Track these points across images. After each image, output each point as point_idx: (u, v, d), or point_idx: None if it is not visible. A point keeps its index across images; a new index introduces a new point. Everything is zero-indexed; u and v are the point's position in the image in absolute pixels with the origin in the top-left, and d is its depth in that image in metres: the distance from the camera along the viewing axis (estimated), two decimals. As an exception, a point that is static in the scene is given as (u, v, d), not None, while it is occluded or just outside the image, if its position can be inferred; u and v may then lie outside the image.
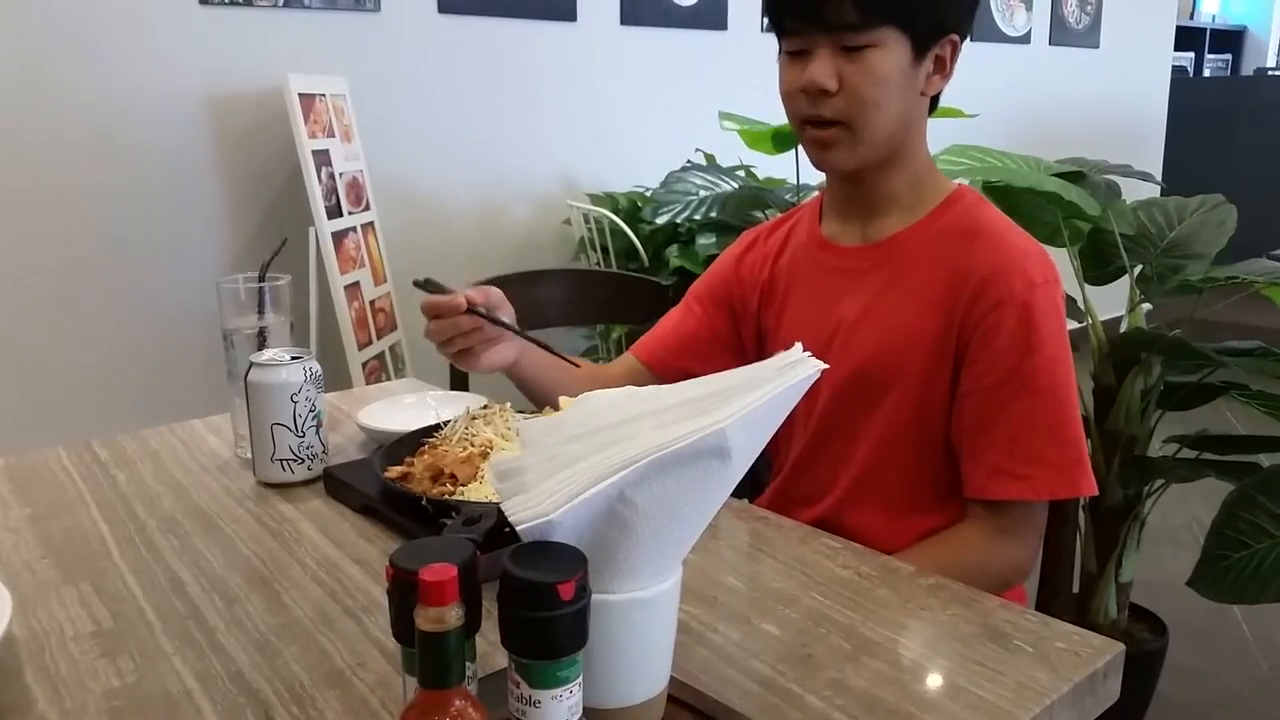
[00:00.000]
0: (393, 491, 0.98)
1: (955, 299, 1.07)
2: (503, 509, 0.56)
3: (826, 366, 0.59)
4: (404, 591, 0.55)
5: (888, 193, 1.14)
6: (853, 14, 1.03)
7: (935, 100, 1.15)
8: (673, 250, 2.72)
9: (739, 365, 1.28)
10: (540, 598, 0.52)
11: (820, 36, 1.06)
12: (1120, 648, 0.75)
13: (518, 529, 0.55)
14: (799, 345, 0.60)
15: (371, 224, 2.61)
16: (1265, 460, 1.79)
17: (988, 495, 1.05)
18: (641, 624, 0.60)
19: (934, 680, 0.73)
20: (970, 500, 1.07)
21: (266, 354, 1.08)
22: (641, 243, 2.78)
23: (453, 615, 0.49)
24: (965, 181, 2.04)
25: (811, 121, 1.09)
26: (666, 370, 1.31)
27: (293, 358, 1.06)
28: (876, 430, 1.11)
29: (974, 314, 1.06)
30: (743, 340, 1.29)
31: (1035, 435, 1.04)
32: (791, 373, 0.57)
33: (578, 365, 1.21)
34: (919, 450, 1.11)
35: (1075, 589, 2.06)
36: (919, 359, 1.08)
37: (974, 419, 1.07)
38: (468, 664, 0.57)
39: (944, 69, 1.10)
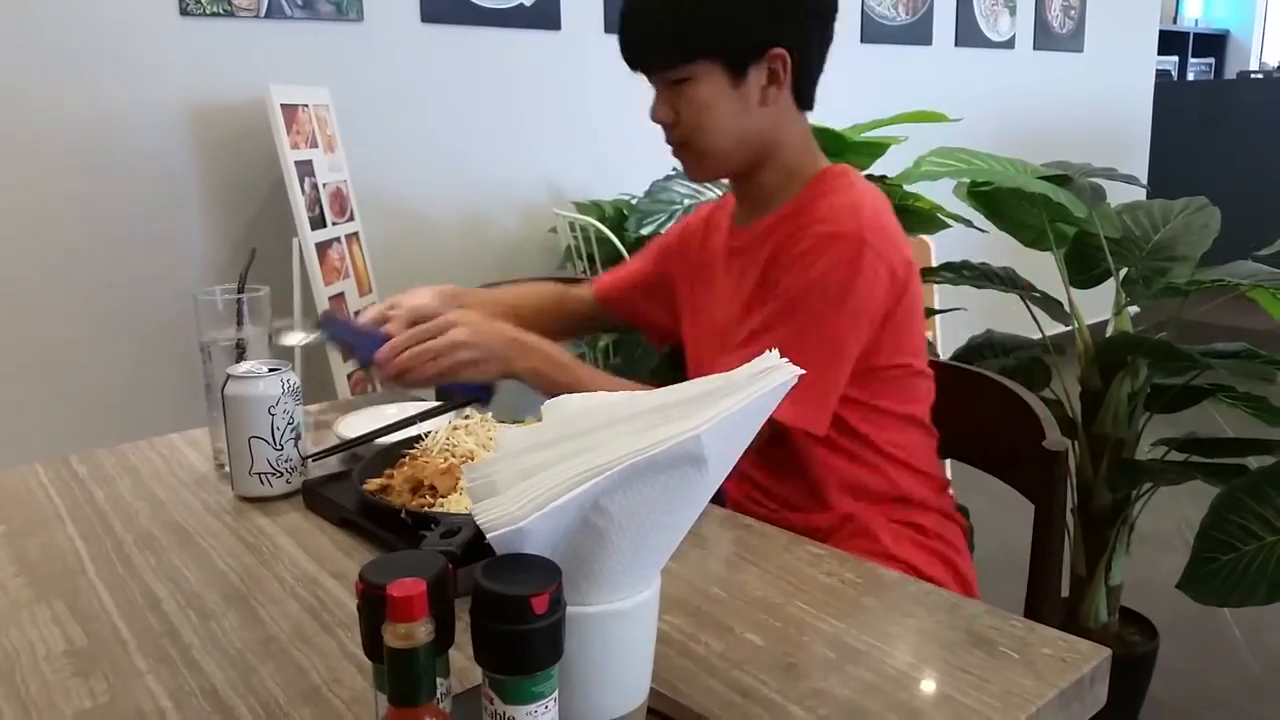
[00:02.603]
0: (371, 504, 0.96)
1: (773, 255, 1.16)
2: (472, 514, 0.55)
3: (804, 372, 0.58)
4: (374, 607, 0.54)
5: (766, 186, 1.23)
6: (659, 54, 1.16)
7: (805, 97, 1.20)
8: (659, 258, 2.71)
9: (668, 322, 1.41)
10: (512, 611, 0.51)
11: (653, 75, 1.18)
12: (1106, 653, 0.75)
13: (488, 537, 0.54)
14: (776, 352, 0.59)
15: (356, 234, 2.59)
16: (1253, 462, 1.79)
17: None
18: (619, 636, 0.59)
19: (919, 688, 0.72)
20: None
21: (243, 366, 1.07)
22: (628, 250, 2.78)
23: (422, 631, 0.48)
24: (960, 175, 2.04)
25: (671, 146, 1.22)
26: (608, 305, 1.47)
27: (270, 370, 1.05)
28: None
29: (779, 259, 1.14)
30: (673, 302, 1.39)
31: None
32: (767, 379, 0.57)
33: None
34: (786, 445, 1.16)
35: (1065, 593, 2.06)
36: None
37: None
38: (440, 680, 0.55)
39: (778, 80, 1.16)
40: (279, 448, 1.05)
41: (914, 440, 1.24)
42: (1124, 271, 2.01)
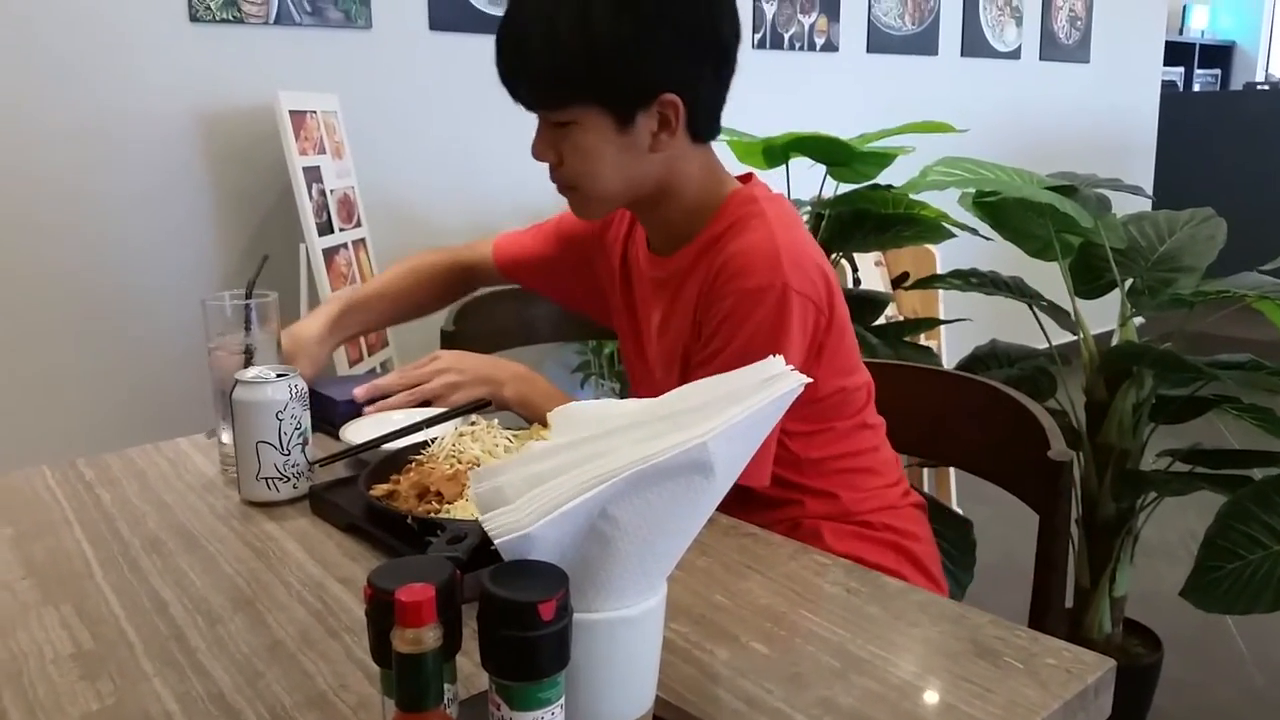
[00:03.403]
0: (377, 510, 0.97)
1: (701, 302, 1.13)
2: (481, 521, 0.55)
3: (810, 380, 0.58)
4: (382, 612, 0.54)
5: (668, 222, 1.19)
6: (539, 96, 1.10)
7: (704, 133, 1.15)
8: (665, 266, 2.71)
9: (574, 300, 1.44)
10: (520, 617, 0.51)
11: (536, 112, 1.13)
12: (1111, 664, 0.75)
13: (496, 543, 0.54)
14: (781, 359, 0.59)
15: (363, 240, 2.60)
16: (1258, 473, 1.79)
17: None
18: (625, 643, 0.59)
19: (923, 698, 0.72)
20: None
21: (251, 372, 1.07)
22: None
23: (430, 636, 0.48)
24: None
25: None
26: (510, 274, 1.47)
27: (278, 375, 1.06)
28: None
29: (705, 313, 1.12)
30: (579, 292, 1.39)
31: None
32: (774, 386, 0.57)
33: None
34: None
35: (1069, 603, 2.06)
36: (687, 370, 1.15)
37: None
38: (447, 686, 0.56)
39: (669, 126, 1.09)
40: (286, 453, 1.05)
41: (861, 443, 1.23)
42: (1129, 282, 2.01)
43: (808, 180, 2.37)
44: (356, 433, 1.21)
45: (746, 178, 1.22)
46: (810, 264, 1.11)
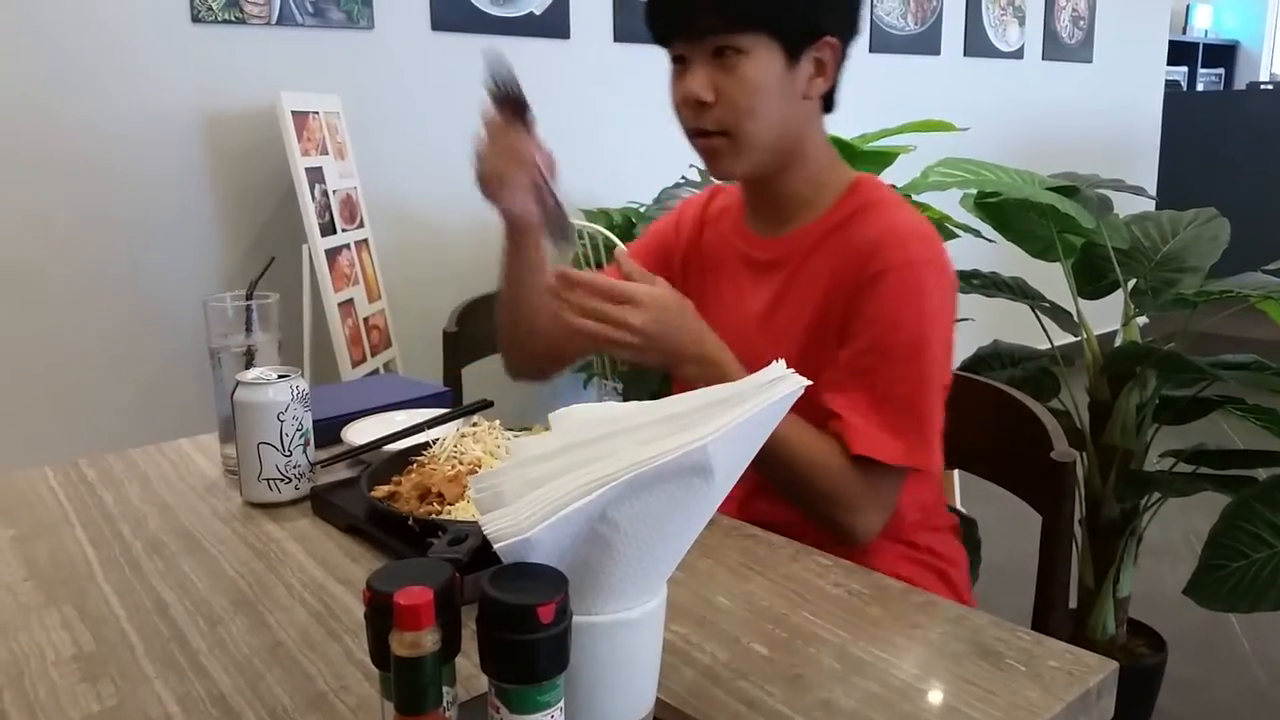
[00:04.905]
0: (379, 511, 0.97)
1: (842, 280, 1.08)
2: (480, 525, 0.55)
3: (809, 383, 0.58)
4: (381, 615, 0.54)
5: (789, 193, 1.15)
6: (718, 22, 1.05)
7: (829, 101, 1.15)
8: (667, 266, 2.71)
9: None
10: (519, 620, 0.51)
11: (694, 46, 1.07)
12: (1114, 666, 0.75)
13: (495, 547, 0.54)
14: (782, 362, 0.59)
15: (365, 241, 2.60)
16: (1262, 473, 1.79)
17: (837, 430, 1.05)
18: (625, 646, 0.59)
19: (925, 700, 0.72)
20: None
21: (253, 373, 1.07)
22: (636, 258, 2.77)
23: (428, 640, 0.48)
24: (957, 190, 2.04)
25: (697, 133, 1.10)
26: None
27: (280, 376, 1.06)
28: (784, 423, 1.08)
29: (856, 289, 1.07)
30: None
31: (888, 404, 1.04)
32: (774, 389, 0.57)
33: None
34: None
35: (1072, 604, 2.05)
36: (817, 349, 1.09)
37: (835, 379, 1.07)
38: (446, 688, 0.55)
39: (824, 71, 1.09)
40: (287, 454, 1.05)
41: None
42: (1132, 282, 2.01)
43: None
44: (358, 434, 1.21)
45: None
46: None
